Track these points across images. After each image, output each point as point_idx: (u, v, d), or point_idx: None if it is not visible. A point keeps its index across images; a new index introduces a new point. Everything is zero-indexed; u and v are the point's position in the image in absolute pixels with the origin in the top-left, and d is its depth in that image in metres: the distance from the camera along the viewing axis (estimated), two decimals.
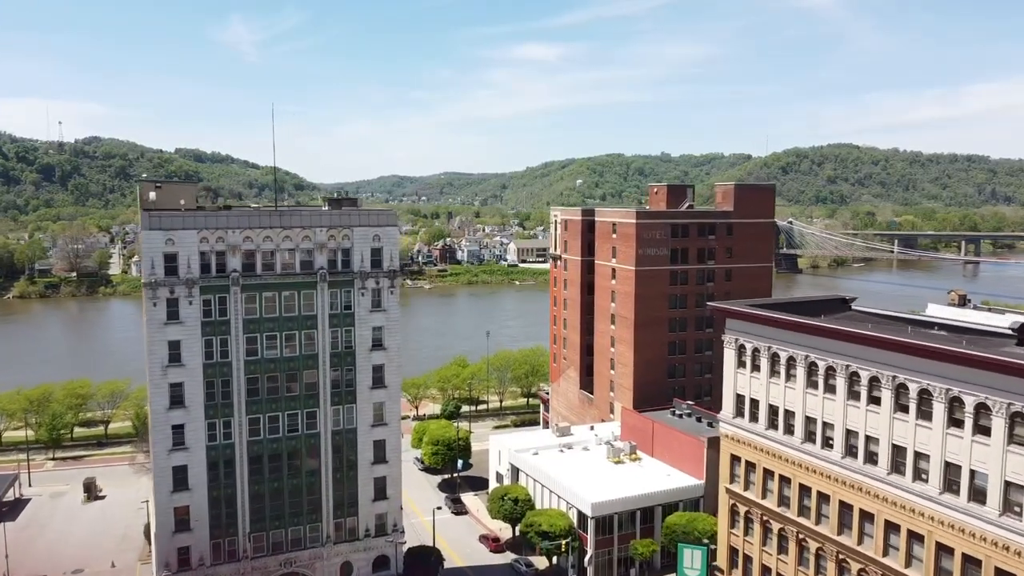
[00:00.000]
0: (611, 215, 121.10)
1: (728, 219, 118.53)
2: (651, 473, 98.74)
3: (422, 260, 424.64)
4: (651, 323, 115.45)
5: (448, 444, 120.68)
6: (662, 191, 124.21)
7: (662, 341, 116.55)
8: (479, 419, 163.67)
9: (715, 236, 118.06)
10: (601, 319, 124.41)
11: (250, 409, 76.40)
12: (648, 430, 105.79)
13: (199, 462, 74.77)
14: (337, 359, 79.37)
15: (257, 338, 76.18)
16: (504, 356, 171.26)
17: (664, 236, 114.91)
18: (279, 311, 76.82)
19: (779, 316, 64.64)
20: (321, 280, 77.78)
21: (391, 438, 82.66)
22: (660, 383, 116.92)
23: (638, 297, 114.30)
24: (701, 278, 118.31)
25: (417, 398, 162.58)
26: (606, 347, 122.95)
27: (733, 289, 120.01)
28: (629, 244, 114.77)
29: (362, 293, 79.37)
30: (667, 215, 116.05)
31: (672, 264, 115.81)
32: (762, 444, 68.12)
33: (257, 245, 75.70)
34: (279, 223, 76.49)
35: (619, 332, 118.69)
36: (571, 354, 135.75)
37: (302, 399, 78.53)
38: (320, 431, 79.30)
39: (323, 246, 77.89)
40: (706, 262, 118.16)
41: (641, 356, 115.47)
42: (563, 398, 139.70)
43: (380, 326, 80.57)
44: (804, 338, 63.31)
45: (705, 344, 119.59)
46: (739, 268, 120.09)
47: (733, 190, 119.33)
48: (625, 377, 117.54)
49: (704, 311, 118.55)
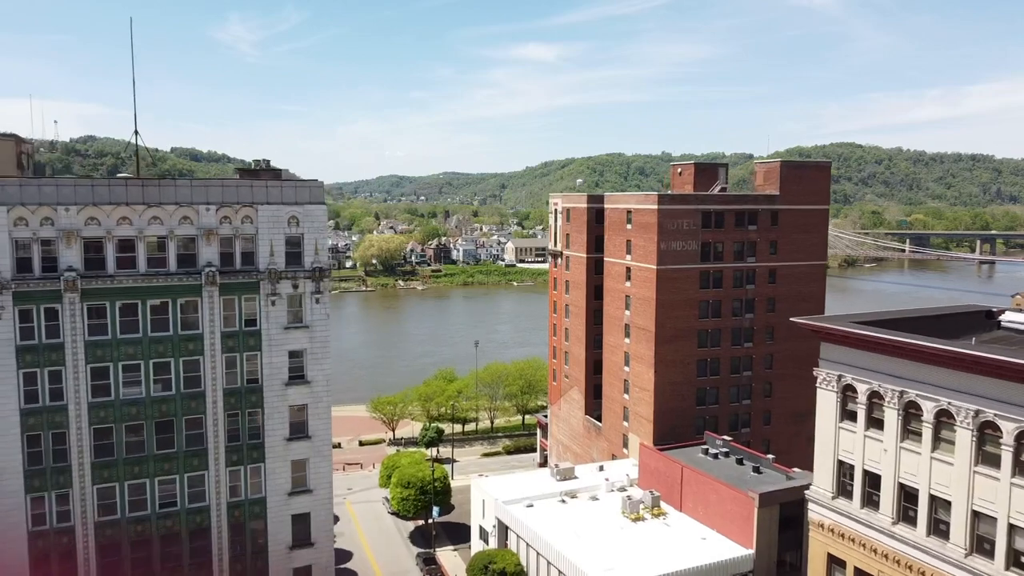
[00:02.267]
0: (625, 200, 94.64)
1: (772, 204, 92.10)
2: (681, 536, 72.20)
3: (415, 260, 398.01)
4: (676, 336, 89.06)
5: (422, 487, 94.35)
6: (688, 171, 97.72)
7: (690, 359, 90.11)
8: (466, 443, 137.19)
9: (756, 226, 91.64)
10: (612, 330, 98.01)
11: (99, 476, 50.00)
12: (675, 476, 79.28)
13: (17, 558, 48.36)
14: (235, 399, 52.97)
15: (109, 370, 49.78)
16: (496, 369, 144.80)
17: (693, 226, 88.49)
18: (144, 329, 50.43)
19: (931, 345, 37.98)
20: (209, 283, 51.40)
21: (319, 511, 56.23)
22: (687, 412, 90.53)
23: (660, 304, 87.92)
24: (739, 280, 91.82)
25: (394, 418, 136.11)
26: (618, 365, 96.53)
27: (779, 293, 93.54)
28: (649, 237, 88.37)
29: (272, 301, 53.00)
30: (697, 199, 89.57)
31: (703, 262, 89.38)
32: (887, 546, 41.68)
33: (108, 230, 49.26)
34: (142, 197, 50.05)
35: (635, 347, 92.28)
36: (574, 372, 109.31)
37: (182, 459, 52.11)
38: (211, 504, 52.86)
39: (212, 232, 51.46)
40: (745, 259, 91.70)
41: (664, 378, 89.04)
42: (564, 424, 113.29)
43: (300, 350, 54.20)
44: (972, 381, 37.17)
45: (743, 362, 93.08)
46: (786, 267, 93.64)
47: (779, 168, 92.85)
48: (643, 404, 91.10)
49: (742, 321, 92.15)
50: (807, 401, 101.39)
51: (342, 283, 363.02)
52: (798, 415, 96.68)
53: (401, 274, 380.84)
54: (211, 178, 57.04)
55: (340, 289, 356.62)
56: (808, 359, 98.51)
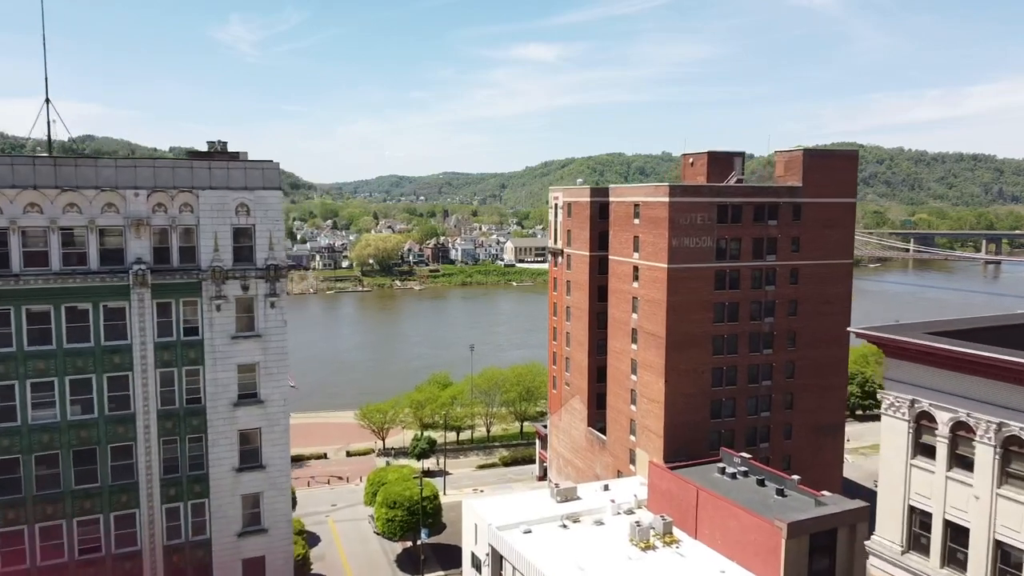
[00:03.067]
0: (633, 193, 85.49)
1: (795, 197, 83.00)
2: (697, 569, 63.14)
3: (412, 260, 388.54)
4: (689, 342, 79.94)
5: (409, 507, 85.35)
6: (701, 161, 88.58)
7: (704, 367, 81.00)
8: (460, 453, 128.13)
9: (777, 221, 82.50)
10: (618, 335, 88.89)
11: (3, 518, 41.02)
12: (689, 499, 70.20)
13: None
14: (173, 423, 43.89)
15: (14, 389, 40.71)
16: (492, 375, 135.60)
17: (707, 221, 79.35)
18: (58, 340, 41.36)
19: None
20: (139, 284, 42.29)
21: (276, 554, 47.04)
22: (701, 425, 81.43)
23: (672, 306, 78.82)
24: (758, 280, 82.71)
25: (384, 427, 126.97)
26: (624, 374, 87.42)
27: (801, 295, 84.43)
28: (659, 232, 79.27)
29: (217, 306, 43.90)
30: (712, 191, 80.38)
31: (718, 261, 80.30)
32: None
33: (12, 220, 40.15)
34: (55, 179, 40.92)
35: (644, 354, 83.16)
36: (576, 379, 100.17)
37: (107, 496, 43.03)
38: (143, 548, 43.77)
39: (143, 223, 42.34)
40: (764, 257, 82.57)
41: (675, 388, 79.91)
42: (565, 436, 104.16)
43: (251, 363, 45.07)
44: None
45: (762, 371, 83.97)
46: (809, 266, 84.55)
47: (801, 158, 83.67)
48: (652, 417, 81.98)
49: (761, 326, 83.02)
50: (831, 413, 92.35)
51: (338, 283, 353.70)
52: (821, 429, 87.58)
53: (398, 274, 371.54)
54: (141, 158, 48.01)
55: (336, 289, 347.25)
56: (832, 367, 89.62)
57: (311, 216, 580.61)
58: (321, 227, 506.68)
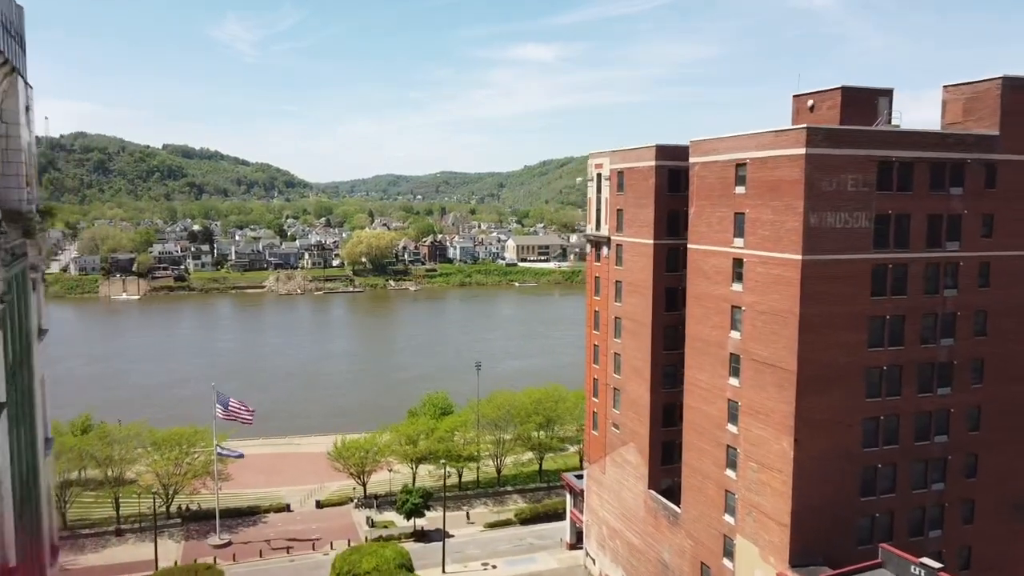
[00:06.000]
0: (735, 145, 54.39)
1: (988, 152, 52.34)
2: None
3: (408, 259, 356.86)
4: (832, 378, 49.13)
5: None
6: (828, 102, 57.46)
7: (854, 418, 50.22)
8: (464, 502, 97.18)
9: (963, 189, 51.84)
10: (703, 362, 57.99)
11: None
12: None
13: None
14: None
15: None
16: (503, 400, 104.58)
17: (864, 187, 48.59)
18: None
19: None
20: None
21: None
22: (847, 506, 50.65)
23: (807, 322, 47.98)
24: (932, 280, 51.99)
25: (364, 470, 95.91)
26: (715, 421, 56.51)
27: (993, 303, 53.84)
28: (787, 204, 48.46)
29: None
30: (871, 140, 49.57)
31: (877, 250, 49.67)
32: None
33: None
34: None
35: (753, 394, 52.27)
36: (630, 420, 69.21)
37: None
38: None
39: None
40: (943, 245, 51.92)
41: (810, 451, 49.04)
42: (611, 496, 73.11)
43: None
44: None
45: (938, 421, 53.36)
46: (1007, 259, 53.93)
47: (1000, 90, 53.01)
48: (770, 493, 51.04)
49: (936, 352, 52.32)
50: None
51: (327, 283, 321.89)
52: (1018, 506, 56.92)
53: (392, 273, 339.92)
54: None
55: (325, 290, 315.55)
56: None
57: (304, 213, 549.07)
58: (314, 225, 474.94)
